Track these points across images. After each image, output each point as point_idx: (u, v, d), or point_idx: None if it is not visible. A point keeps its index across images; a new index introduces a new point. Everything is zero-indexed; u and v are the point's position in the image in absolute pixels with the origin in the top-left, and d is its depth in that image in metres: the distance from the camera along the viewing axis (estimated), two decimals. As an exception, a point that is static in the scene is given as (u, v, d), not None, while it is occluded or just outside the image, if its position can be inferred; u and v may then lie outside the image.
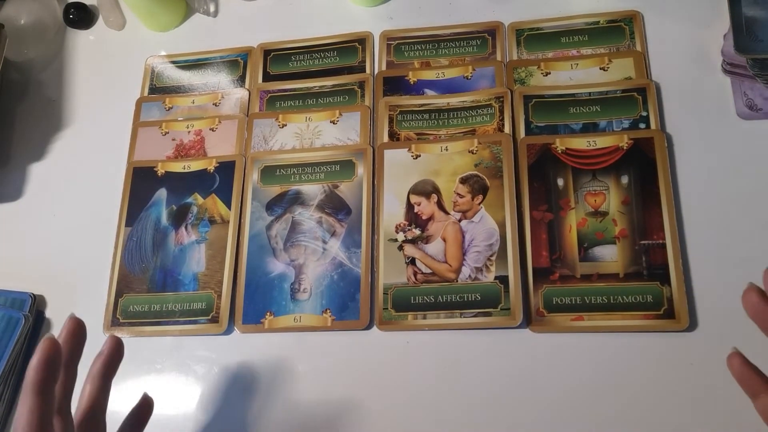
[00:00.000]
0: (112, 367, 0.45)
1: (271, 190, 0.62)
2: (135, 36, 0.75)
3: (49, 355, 0.39)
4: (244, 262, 0.60)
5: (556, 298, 0.53)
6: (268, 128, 0.65)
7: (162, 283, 0.61)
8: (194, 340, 0.59)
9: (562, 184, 0.57)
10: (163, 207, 0.64)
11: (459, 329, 0.54)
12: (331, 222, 0.60)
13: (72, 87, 0.74)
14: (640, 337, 0.52)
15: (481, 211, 0.57)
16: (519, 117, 0.60)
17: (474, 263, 0.55)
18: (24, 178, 0.70)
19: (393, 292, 0.56)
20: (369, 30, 0.69)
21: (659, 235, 0.53)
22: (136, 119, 0.69)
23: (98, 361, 0.45)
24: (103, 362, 0.45)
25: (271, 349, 0.57)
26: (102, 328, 0.60)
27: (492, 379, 0.53)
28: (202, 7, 0.74)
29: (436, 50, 0.66)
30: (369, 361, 0.55)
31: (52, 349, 0.39)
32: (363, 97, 0.65)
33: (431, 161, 0.60)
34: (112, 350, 0.45)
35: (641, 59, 0.61)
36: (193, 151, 0.66)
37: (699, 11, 0.62)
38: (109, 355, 0.45)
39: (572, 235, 0.55)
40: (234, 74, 0.70)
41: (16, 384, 0.59)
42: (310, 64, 0.69)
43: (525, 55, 0.64)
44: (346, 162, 0.62)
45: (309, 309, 0.57)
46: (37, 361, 0.38)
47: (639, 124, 0.58)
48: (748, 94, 0.57)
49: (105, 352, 0.45)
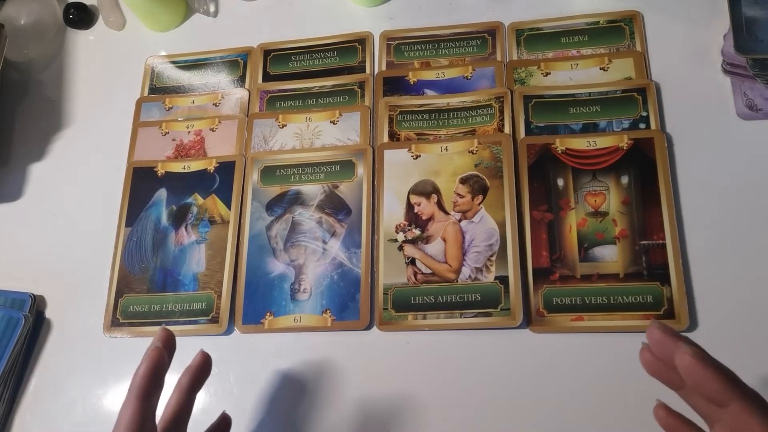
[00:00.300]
0: (200, 380, 0.46)
1: (271, 190, 0.62)
2: (135, 36, 0.75)
3: (156, 365, 0.41)
4: (244, 262, 0.60)
5: (556, 298, 0.53)
6: (268, 128, 0.65)
7: (162, 284, 0.61)
8: (194, 340, 0.59)
9: (562, 184, 0.57)
10: (163, 207, 0.64)
11: (459, 329, 0.54)
12: (331, 222, 0.60)
13: (72, 87, 0.74)
14: (641, 338, 0.51)
15: (481, 212, 0.57)
16: (519, 117, 0.60)
17: (474, 263, 0.55)
18: (24, 178, 0.70)
19: (393, 292, 0.56)
20: (369, 30, 0.69)
21: (659, 236, 0.53)
22: (136, 119, 0.69)
23: (187, 374, 0.46)
24: (191, 375, 0.46)
25: (271, 349, 0.57)
26: (102, 328, 0.60)
27: (492, 379, 0.53)
28: (202, 7, 0.74)
29: (436, 50, 0.66)
30: (369, 362, 0.55)
31: (160, 359, 0.42)
32: (363, 97, 0.65)
33: (431, 161, 0.60)
34: (200, 364, 0.46)
35: (641, 59, 0.61)
36: (193, 152, 0.66)
37: (699, 11, 0.62)
38: (197, 369, 0.46)
39: (572, 236, 0.55)
40: (234, 74, 0.70)
41: (16, 384, 0.59)
42: (310, 65, 0.69)
43: (525, 55, 0.64)
44: (346, 162, 0.62)
45: (309, 309, 0.57)
46: (145, 369, 0.41)
47: (639, 125, 0.58)
48: (748, 94, 0.57)
49: (193, 366, 0.46)
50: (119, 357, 0.59)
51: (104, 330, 0.60)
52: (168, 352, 0.44)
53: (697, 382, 0.35)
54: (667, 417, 0.40)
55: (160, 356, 0.42)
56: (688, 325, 0.51)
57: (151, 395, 0.41)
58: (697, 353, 0.35)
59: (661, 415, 0.40)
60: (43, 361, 0.61)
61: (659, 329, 0.36)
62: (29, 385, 0.60)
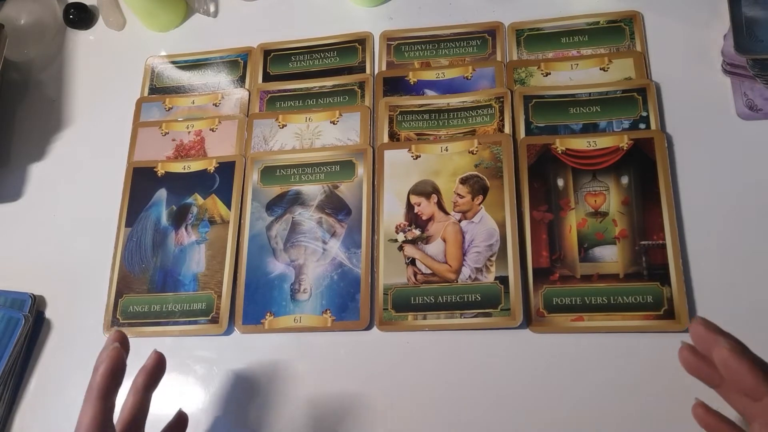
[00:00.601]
0: (155, 380, 0.46)
1: (271, 190, 0.62)
2: (135, 36, 0.75)
3: (117, 364, 0.42)
4: (244, 262, 0.60)
5: (556, 298, 0.53)
6: (268, 128, 0.65)
7: (162, 284, 0.61)
8: (194, 341, 0.59)
9: (562, 184, 0.57)
10: (163, 207, 0.64)
11: (459, 330, 0.54)
12: (331, 222, 0.60)
13: (72, 87, 0.74)
14: (640, 338, 0.52)
15: (481, 212, 0.57)
16: (519, 117, 0.60)
17: (474, 264, 0.55)
18: (24, 178, 0.70)
19: (393, 292, 0.56)
20: (369, 30, 0.69)
21: (659, 236, 0.53)
22: (136, 119, 0.69)
23: (142, 373, 0.46)
24: (146, 375, 0.46)
25: (271, 349, 0.57)
26: (102, 329, 0.60)
27: (492, 379, 0.53)
28: (202, 7, 0.74)
29: (436, 50, 0.66)
30: (369, 362, 0.55)
31: (120, 359, 0.42)
32: (363, 97, 0.65)
33: (431, 161, 0.60)
34: (155, 363, 0.46)
35: (641, 59, 0.61)
36: (193, 152, 0.66)
37: (699, 11, 0.62)
38: (152, 368, 0.46)
39: (572, 236, 0.55)
40: (234, 74, 0.70)
41: (16, 384, 0.59)
42: (310, 65, 0.69)
43: (525, 55, 0.64)
44: (346, 162, 0.62)
45: (309, 309, 0.57)
46: (105, 368, 0.41)
47: (639, 125, 0.58)
48: (748, 94, 0.57)
49: (149, 366, 0.46)
50: (119, 357, 0.59)
51: (104, 330, 0.60)
52: (125, 353, 0.44)
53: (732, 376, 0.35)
54: (706, 415, 0.40)
55: (120, 355, 0.42)
56: (688, 326, 0.50)
57: (112, 395, 0.41)
58: (735, 347, 0.35)
59: (699, 414, 0.40)
60: (43, 361, 0.61)
61: (702, 324, 0.37)
62: (29, 385, 0.60)
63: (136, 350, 0.59)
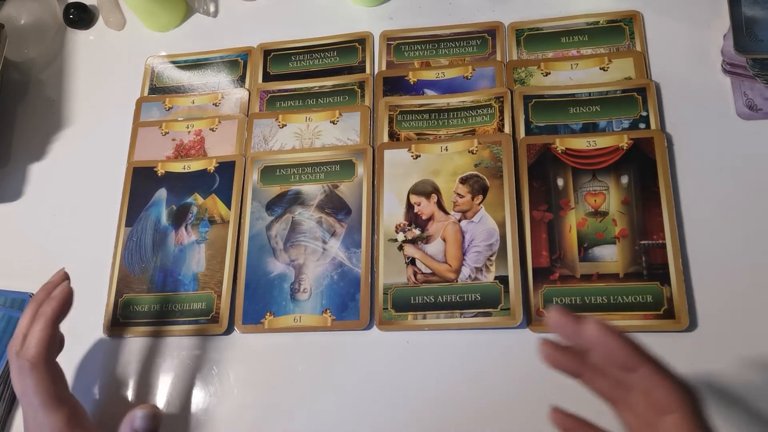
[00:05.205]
0: (64, 312, 0.50)
1: (271, 190, 0.62)
2: (135, 36, 0.75)
3: (69, 299, 0.49)
4: (244, 262, 0.60)
5: (556, 298, 0.53)
6: (268, 128, 0.65)
7: (162, 283, 0.61)
8: (194, 340, 0.59)
9: (562, 184, 0.57)
10: (163, 207, 0.64)
11: (459, 329, 0.54)
12: (331, 222, 0.60)
13: (72, 87, 0.74)
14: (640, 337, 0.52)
15: (481, 211, 0.57)
16: (519, 117, 0.60)
17: (474, 263, 0.55)
18: (24, 178, 0.70)
19: (393, 292, 0.56)
20: (369, 30, 0.69)
21: (659, 235, 0.54)
22: (136, 119, 0.69)
23: (51, 303, 0.49)
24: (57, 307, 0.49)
25: (271, 349, 0.57)
26: (102, 328, 0.60)
27: (492, 379, 0.53)
28: (202, 7, 0.74)
29: (436, 50, 0.66)
30: (369, 361, 0.55)
31: (71, 295, 0.50)
32: (363, 97, 0.65)
33: (431, 161, 0.60)
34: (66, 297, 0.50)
35: (641, 59, 0.61)
36: (193, 151, 0.66)
37: (699, 11, 0.62)
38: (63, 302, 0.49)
39: (572, 235, 0.55)
40: (234, 74, 0.70)
41: (16, 384, 0.59)
42: (310, 64, 0.69)
43: (525, 55, 0.64)
44: (346, 162, 0.62)
45: (309, 309, 0.57)
46: (60, 299, 0.48)
47: (639, 124, 0.58)
48: (748, 94, 0.57)
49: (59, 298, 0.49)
50: (119, 357, 0.59)
51: (104, 330, 0.60)
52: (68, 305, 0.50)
53: (607, 350, 0.36)
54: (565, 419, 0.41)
55: (72, 293, 0.50)
56: (688, 325, 0.51)
57: (59, 323, 0.49)
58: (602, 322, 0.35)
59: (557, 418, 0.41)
60: (43, 361, 0.61)
61: (560, 312, 0.37)
62: (29, 385, 0.60)
63: (136, 350, 0.59)
